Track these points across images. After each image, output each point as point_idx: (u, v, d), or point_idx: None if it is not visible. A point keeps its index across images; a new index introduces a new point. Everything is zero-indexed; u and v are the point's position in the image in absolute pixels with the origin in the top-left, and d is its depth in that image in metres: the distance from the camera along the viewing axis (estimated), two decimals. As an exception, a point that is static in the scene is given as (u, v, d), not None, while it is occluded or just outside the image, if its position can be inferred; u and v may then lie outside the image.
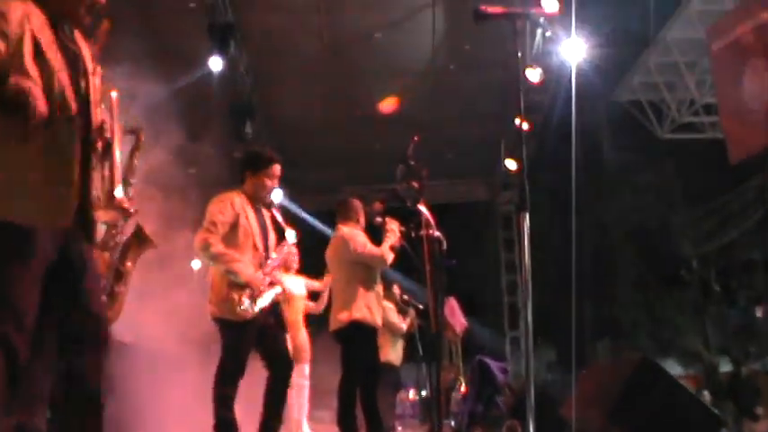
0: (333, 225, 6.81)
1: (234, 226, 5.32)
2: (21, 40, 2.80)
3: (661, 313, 17.83)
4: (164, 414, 6.20)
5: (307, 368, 8.27)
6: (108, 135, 3.09)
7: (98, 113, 3.07)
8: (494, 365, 8.27)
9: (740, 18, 9.89)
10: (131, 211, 3.13)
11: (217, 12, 9.31)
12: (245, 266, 5.23)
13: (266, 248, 5.47)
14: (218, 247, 5.20)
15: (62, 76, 2.91)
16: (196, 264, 10.38)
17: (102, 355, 3.00)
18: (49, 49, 2.90)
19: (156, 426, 6.05)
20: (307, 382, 8.25)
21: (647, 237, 17.75)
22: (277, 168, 5.61)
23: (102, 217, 3.08)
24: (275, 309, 5.49)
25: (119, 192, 3.09)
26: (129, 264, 3.30)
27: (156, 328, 6.78)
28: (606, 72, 11.65)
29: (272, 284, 5.37)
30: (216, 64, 9.53)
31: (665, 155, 16.15)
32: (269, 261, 5.43)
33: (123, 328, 5.01)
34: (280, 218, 5.76)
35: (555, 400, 6.63)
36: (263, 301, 5.27)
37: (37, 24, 2.88)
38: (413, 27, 10.41)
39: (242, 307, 5.16)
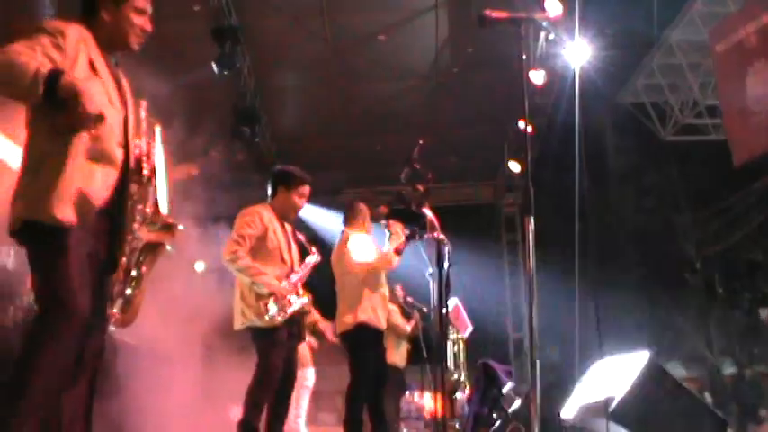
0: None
1: (262, 239, 5.46)
2: (76, 58, 2.96)
3: (664, 315, 17.82)
4: (164, 413, 6.24)
5: (307, 372, 8.30)
6: (154, 161, 3.23)
7: (140, 142, 3.21)
8: (498, 368, 8.27)
9: (743, 20, 9.89)
10: (177, 227, 3.23)
11: (220, 15, 9.33)
12: (270, 278, 5.35)
13: (292, 262, 5.59)
14: (245, 260, 5.34)
15: (111, 98, 3.07)
16: (199, 265, 10.43)
17: (92, 385, 3.08)
18: (103, 72, 3.08)
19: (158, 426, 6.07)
20: (306, 386, 8.28)
21: (651, 239, 17.74)
22: (307, 189, 5.75)
23: (147, 237, 3.18)
24: (297, 319, 5.56)
25: (164, 208, 3.21)
26: (144, 269, 3.35)
27: (157, 327, 6.83)
28: (610, 74, 11.64)
29: (297, 295, 5.48)
30: (219, 67, 9.51)
31: (669, 157, 16.15)
32: (292, 275, 5.53)
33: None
34: (302, 238, 5.86)
35: (558, 402, 6.64)
36: (291, 308, 5.37)
37: (92, 49, 3.06)
38: (416, 29, 10.42)
39: (269, 314, 5.27)
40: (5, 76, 2.75)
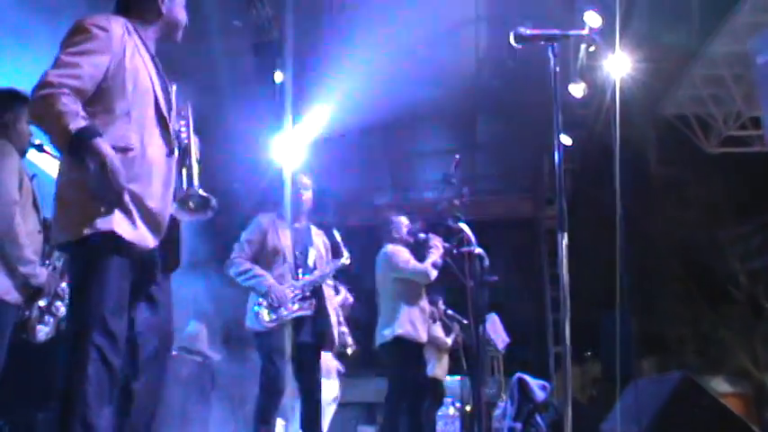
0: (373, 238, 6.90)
1: (262, 243, 5.48)
2: (124, 53, 2.92)
3: (709, 330, 17.58)
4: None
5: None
6: (186, 141, 3.19)
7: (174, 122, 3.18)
8: (533, 383, 8.25)
9: (786, 31, 9.73)
10: (212, 201, 3.14)
11: (262, 30, 9.42)
12: (265, 279, 5.33)
13: (296, 263, 5.55)
14: (240, 266, 5.42)
15: (157, 88, 3.04)
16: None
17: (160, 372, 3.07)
18: (147, 60, 3.04)
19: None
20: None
21: (694, 252, 17.51)
22: (305, 179, 5.90)
23: (184, 217, 3.11)
24: (313, 324, 5.51)
25: (196, 185, 3.12)
26: None
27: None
28: (651, 86, 11.56)
29: (303, 299, 5.40)
30: (263, 81, 9.56)
31: (712, 169, 15.93)
32: (300, 280, 5.48)
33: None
34: (337, 239, 5.85)
35: (597, 415, 6.61)
36: (288, 313, 5.29)
37: (135, 37, 3.02)
38: (457, 43, 10.43)
39: (259, 313, 5.25)
40: (43, 121, 2.79)
